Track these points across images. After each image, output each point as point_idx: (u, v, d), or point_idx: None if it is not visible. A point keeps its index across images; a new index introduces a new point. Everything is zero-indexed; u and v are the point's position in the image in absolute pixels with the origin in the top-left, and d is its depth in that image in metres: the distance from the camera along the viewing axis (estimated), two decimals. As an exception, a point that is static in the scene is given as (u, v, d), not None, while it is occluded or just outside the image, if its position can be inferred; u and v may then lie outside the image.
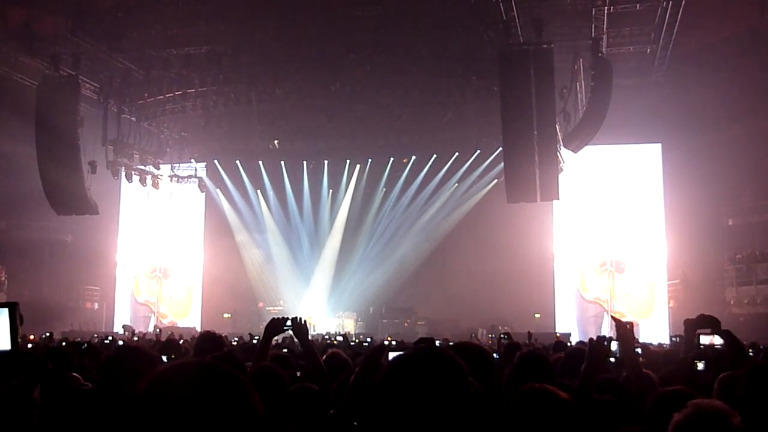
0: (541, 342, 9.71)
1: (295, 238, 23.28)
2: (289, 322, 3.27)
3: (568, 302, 20.01)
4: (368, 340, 10.26)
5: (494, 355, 3.27)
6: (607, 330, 16.86)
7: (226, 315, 21.29)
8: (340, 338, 9.74)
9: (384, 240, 22.60)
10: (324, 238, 23.08)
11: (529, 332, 9.60)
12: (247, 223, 23.39)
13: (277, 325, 3.33)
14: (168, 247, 23.07)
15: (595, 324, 18.95)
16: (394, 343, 6.85)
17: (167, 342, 5.54)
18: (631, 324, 2.72)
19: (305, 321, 3.33)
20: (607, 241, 19.74)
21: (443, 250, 21.89)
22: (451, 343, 3.55)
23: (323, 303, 21.80)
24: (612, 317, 3.09)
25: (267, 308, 20.99)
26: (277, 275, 22.69)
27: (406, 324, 20.57)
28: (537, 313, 19.78)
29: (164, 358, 3.46)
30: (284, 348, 6.01)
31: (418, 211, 22.60)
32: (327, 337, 11.66)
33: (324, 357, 3.70)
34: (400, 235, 22.44)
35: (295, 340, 4.05)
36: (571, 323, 19.42)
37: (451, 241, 21.72)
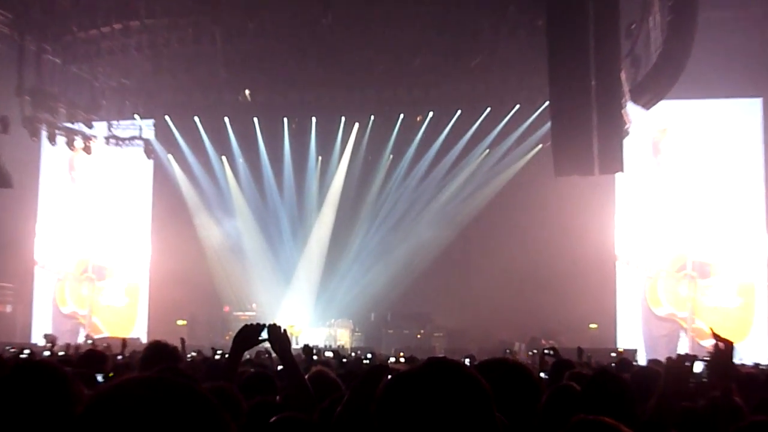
0: (597, 360, 9.89)
1: (272, 220, 23.46)
2: (264, 332, 3.36)
3: (633, 312, 20.20)
4: (369, 356, 10.29)
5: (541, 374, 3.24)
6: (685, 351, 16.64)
7: (180, 322, 21.42)
8: (329, 354, 9.99)
9: (390, 224, 22.78)
10: (311, 221, 23.31)
11: (579, 348, 9.52)
12: (208, 202, 23.52)
13: (249, 335, 3.41)
14: (103, 236, 23.45)
15: (668, 346, 19.03)
16: (402, 360, 7.14)
17: (90, 353, 5.58)
18: (731, 343, 2.78)
19: (285, 330, 3.44)
20: (688, 234, 19.80)
21: (468, 240, 22.17)
22: (477, 363, 3.35)
23: (309, 307, 22.03)
24: (713, 333, 3.11)
25: (235, 313, 21.33)
26: (248, 270, 22.90)
27: (419, 336, 20.97)
28: (593, 323, 20.06)
29: (99, 378, 3.63)
30: (258, 365, 6.17)
31: (435, 186, 22.72)
32: (314, 352, 11.37)
33: (306, 377, 3.76)
34: (411, 217, 22.60)
35: (273, 354, 4.02)
36: (636, 338, 19.64)
37: (478, 228, 21.95)
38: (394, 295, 21.27)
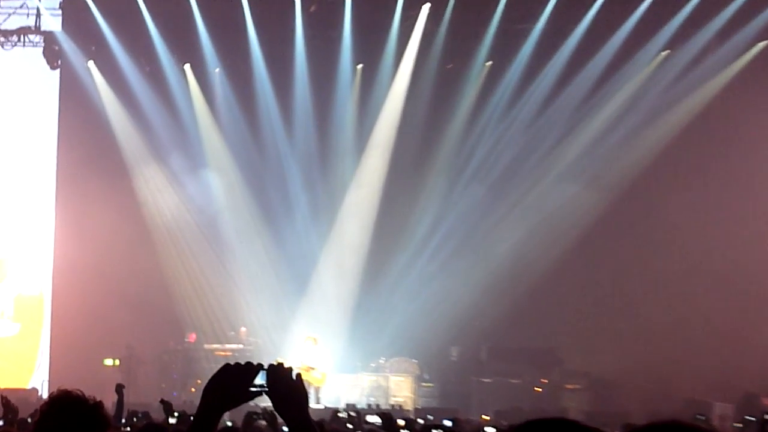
0: None
1: (274, 183, 22.05)
2: (260, 378, 2.67)
3: None
4: (448, 425, 9.62)
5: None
6: None
7: (109, 362, 20.69)
8: (375, 420, 9.82)
9: (482, 192, 21.50)
10: (342, 184, 21.95)
11: None
12: (160, 148, 21.95)
13: (231, 384, 2.72)
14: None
15: None
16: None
17: None
18: None
19: (298, 375, 2.75)
20: None
21: (624, 219, 20.91)
22: None
23: (339, 337, 20.44)
24: None
25: (207, 347, 20.47)
26: (231, 272, 22.04)
27: (538, 389, 19.83)
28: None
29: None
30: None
31: (566, 120, 21.28)
32: (349, 414, 11.12)
33: None
34: (521, 179, 21.33)
35: (275, 420, 6.10)
36: None
37: (643, 198, 20.95)
38: (493, 318, 20.49)
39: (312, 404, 16.78)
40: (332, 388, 18.90)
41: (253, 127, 21.88)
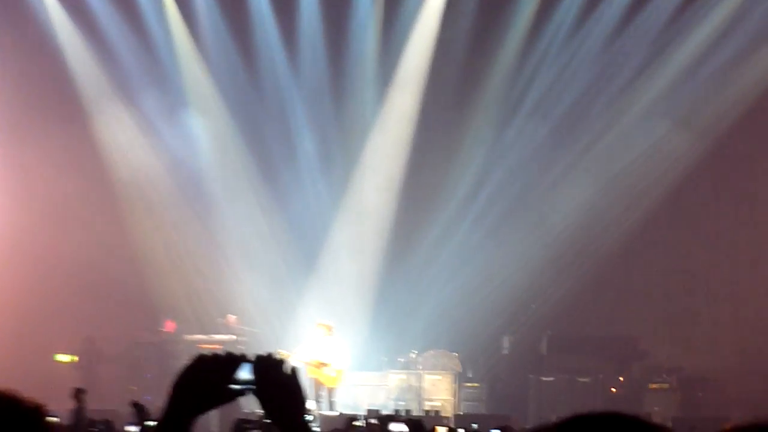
0: None
1: (273, 127, 22.07)
2: (245, 371, 2.55)
3: None
4: None
5: None
6: None
7: (63, 357, 20.87)
8: (399, 428, 9.72)
9: (545, 132, 21.45)
10: (360, 130, 21.97)
11: None
12: (128, 82, 21.81)
13: (207, 378, 2.61)
14: None
15: None
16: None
17: None
18: None
19: (293, 371, 2.61)
20: None
21: (731, 172, 21.33)
22: None
23: (361, 325, 20.85)
24: None
25: (189, 337, 20.52)
26: (218, 243, 22.18)
27: (613, 389, 19.84)
28: None
29: None
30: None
31: (650, 42, 21.09)
32: (367, 423, 11.45)
33: None
34: (593, 116, 21.07)
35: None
36: None
37: (756, 142, 21.15)
38: (556, 301, 20.79)
39: (324, 410, 16.20)
40: (350, 390, 18.54)
41: (248, 58, 21.64)
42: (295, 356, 15.82)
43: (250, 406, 14.57)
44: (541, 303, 20.48)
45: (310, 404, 16.00)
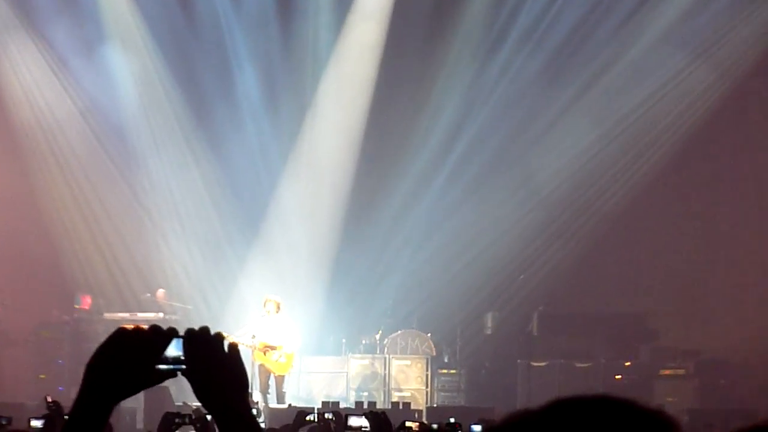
0: None
1: (209, 62, 21.54)
2: (175, 349, 2.48)
3: None
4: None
5: None
6: None
7: None
8: (360, 423, 9.13)
9: (536, 64, 20.92)
10: (312, 63, 21.43)
11: None
12: (33, 7, 21.16)
13: (127, 357, 2.52)
14: None
15: None
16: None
17: None
18: None
19: (233, 346, 2.53)
20: None
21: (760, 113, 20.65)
22: None
23: (316, 301, 20.31)
24: None
25: (109, 315, 19.74)
26: (147, 205, 21.55)
27: (620, 376, 19.68)
28: None
29: None
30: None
31: None
32: (321, 418, 10.46)
33: None
34: (593, 44, 20.38)
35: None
36: None
37: None
38: (549, 271, 20.46)
39: (271, 402, 15.58)
40: (303, 378, 18.29)
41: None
42: (236, 338, 14.41)
43: (184, 397, 11.03)
44: (530, 274, 19.73)
45: (255, 396, 15.14)
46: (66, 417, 3.54)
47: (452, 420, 13.20)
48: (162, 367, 2.40)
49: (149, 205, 20.64)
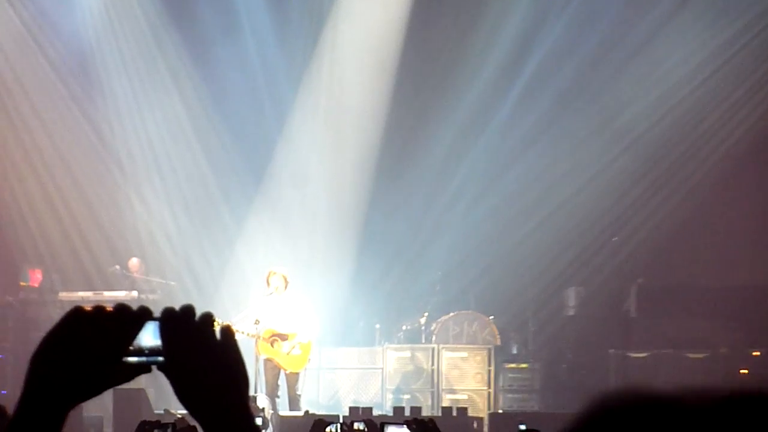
0: None
1: None
2: (151, 335, 2.27)
3: None
4: None
5: None
6: None
7: None
8: None
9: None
10: None
11: None
12: None
13: (87, 346, 2.32)
14: None
15: None
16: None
17: None
18: None
19: (227, 329, 2.29)
20: None
21: None
22: None
23: (339, 275, 19.16)
24: None
25: (66, 295, 18.92)
26: (113, 148, 20.39)
27: (746, 371, 18.81)
28: None
29: None
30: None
31: None
32: (349, 429, 10.12)
33: None
34: None
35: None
36: None
37: None
38: (648, 236, 19.06)
39: (283, 409, 14.33)
40: (324, 377, 17.25)
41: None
42: (234, 325, 12.76)
43: (166, 403, 11.08)
44: (625, 236, 18.03)
45: (260, 400, 13.25)
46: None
47: (522, 427, 11.61)
48: (132, 359, 2.15)
49: (118, 151, 18.97)
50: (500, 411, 16.54)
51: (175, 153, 19.45)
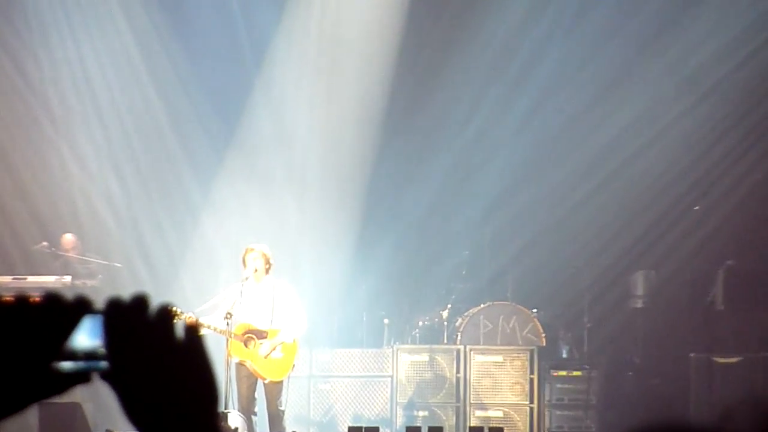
0: None
1: None
2: (90, 334, 2.22)
3: None
4: None
5: None
6: None
7: None
8: None
9: None
10: None
11: None
12: None
13: (9, 342, 2.30)
14: None
15: None
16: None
17: None
18: None
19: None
20: None
21: None
22: None
23: (336, 258, 18.97)
24: None
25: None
26: (46, 101, 20.29)
27: None
28: None
29: None
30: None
31: None
32: None
33: None
34: None
35: None
36: None
37: None
38: (738, 207, 18.71)
39: (262, 428, 13.76)
40: (315, 388, 16.44)
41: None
42: (198, 318, 12.15)
43: (110, 422, 10.66)
44: (708, 207, 16.62)
45: (231, 418, 12.32)
46: None
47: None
48: (66, 365, 2.05)
49: (47, 93, 17.60)
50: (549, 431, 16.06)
51: (122, 97, 18.02)
